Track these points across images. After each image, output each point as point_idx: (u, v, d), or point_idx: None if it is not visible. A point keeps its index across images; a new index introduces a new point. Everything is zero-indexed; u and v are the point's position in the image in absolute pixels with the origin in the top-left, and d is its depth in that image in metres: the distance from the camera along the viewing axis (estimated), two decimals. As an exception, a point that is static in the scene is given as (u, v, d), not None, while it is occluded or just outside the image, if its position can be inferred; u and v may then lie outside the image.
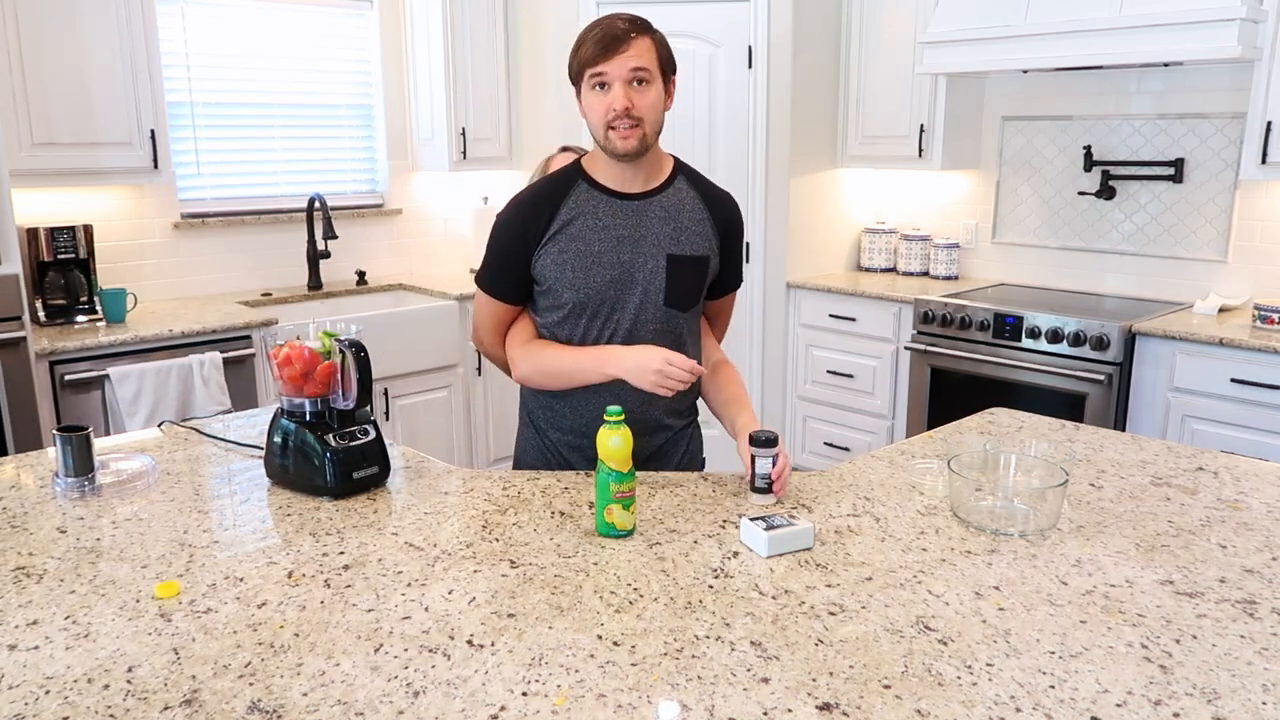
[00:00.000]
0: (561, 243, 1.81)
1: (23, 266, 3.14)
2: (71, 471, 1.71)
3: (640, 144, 1.76)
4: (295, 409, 1.69)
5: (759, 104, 4.17)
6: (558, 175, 1.87)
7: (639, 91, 1.73)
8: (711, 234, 1.88)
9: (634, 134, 1.74)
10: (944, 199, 4.49)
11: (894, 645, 1.18)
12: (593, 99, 1.75)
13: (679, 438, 1.99)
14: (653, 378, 1.74)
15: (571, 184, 1.84)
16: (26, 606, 1.29)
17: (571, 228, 1.82)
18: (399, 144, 4.50)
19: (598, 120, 1.75)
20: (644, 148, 1.77)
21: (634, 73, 1.72)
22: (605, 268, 1.81)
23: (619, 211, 1.83)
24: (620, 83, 1.72)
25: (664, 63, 1.77)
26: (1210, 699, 1.07)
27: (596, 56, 1.73)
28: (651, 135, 1.77)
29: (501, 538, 1.51)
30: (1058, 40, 3.42)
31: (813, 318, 4.31)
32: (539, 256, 1.83)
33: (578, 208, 1.83)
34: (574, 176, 1.85)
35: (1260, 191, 3.55)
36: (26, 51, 3.18)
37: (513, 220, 1.85)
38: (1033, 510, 1.54)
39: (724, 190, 1.95)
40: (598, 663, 1.14)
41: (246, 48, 4.03)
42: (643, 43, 1.73)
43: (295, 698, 1.08)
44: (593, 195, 1.83)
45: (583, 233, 1.82)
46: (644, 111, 1.73)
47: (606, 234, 1.82)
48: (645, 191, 1.84)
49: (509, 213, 1.86)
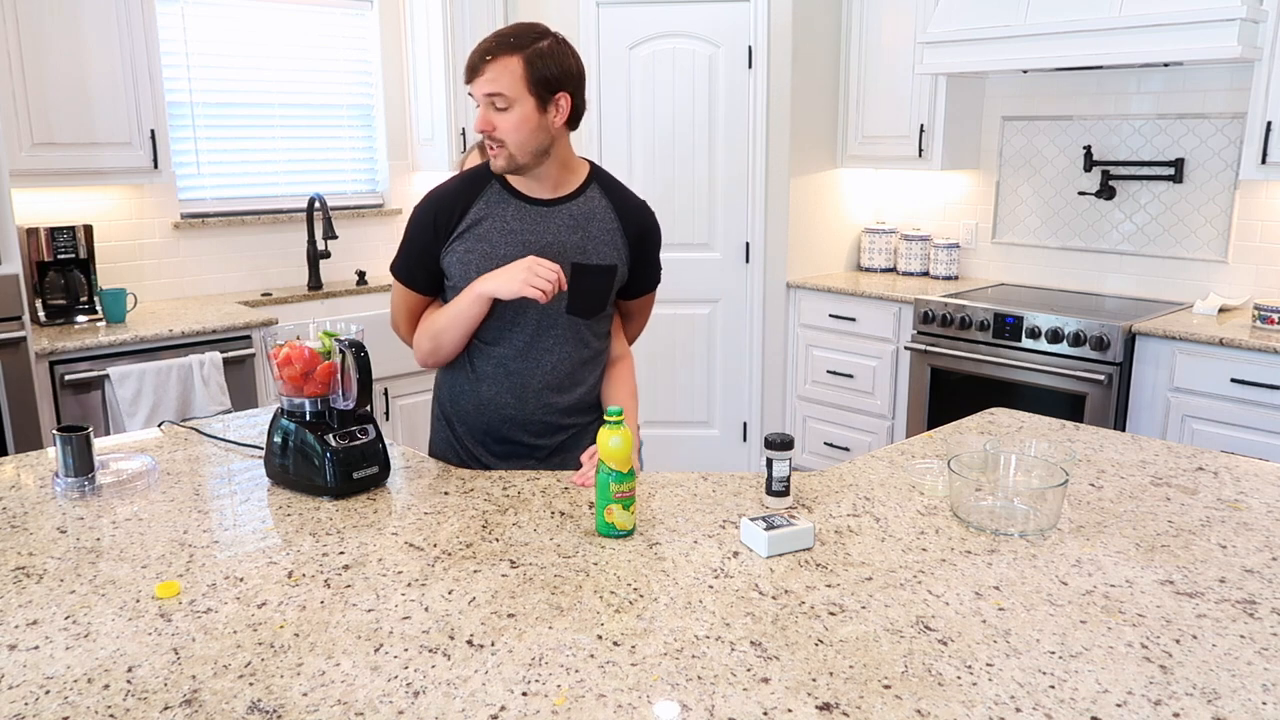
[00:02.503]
0: (469, 242, 1.84)
1: (23, 266, 3.14)
2: (71, 471, 1.71)
3: (508, 163, 1.79)
4: (295, 409, 1.69)
5: (759, 104, 4.17)
6: (472, 174, 1.90)
7: (498, 115, 1.74)
8: (622, 244, 1.91)
9: (500, 153, 1.78)
10: (944, 199, 4.49)
11: (894, 645, 1.18)
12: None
13: (581, 435, 2.00)
14: (523, 276, 1.75)
15: (484, 184, 1.87)
16: (26, 606, 1.29)
17: (479, 228, 1.84)
18: (399, 144, 4.51)
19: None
20: (513, 167, 1.80)
21: (488, 97, 1.74)
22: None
23: (527, 216, 1.85)
24: (483, 104, 1.75)
25: (540, 82, 1.74)
26: (1210, 699, 1.07)
27: (466, 76, 1.77)
28: (521, 155, 1.78)
29: (501, 538, 1.51)
30: (1058, 40, 3.42)
31: (813, 318, 4.31)
32: (446, 253, 1.86)
33: (487, 209, 1.85)
34: (487, 177, 1.88)
35: (1260, 191, 3.55)
36: (26, 51, 3.19)
37: (425, 214, 1.89)
38: (1033, 510, 1.54)
39: (640, 199, 1.98)
40: (598, 663, 1.14)
41: (246, 48, 4.03)
42: (501, 65, 1.72)
43: (295, 698, 1.08)
44: (503, 198, 1.86)
45: (489, 234, 1.84)
46: (504, 134, 1.75)
47: (512, 238, 1.84)
48: (555, 199, 1.86)
49: (423, 206, 1.90)
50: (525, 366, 1.90)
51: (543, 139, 1.78)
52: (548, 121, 1.77)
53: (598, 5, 4.13)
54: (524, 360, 1.90)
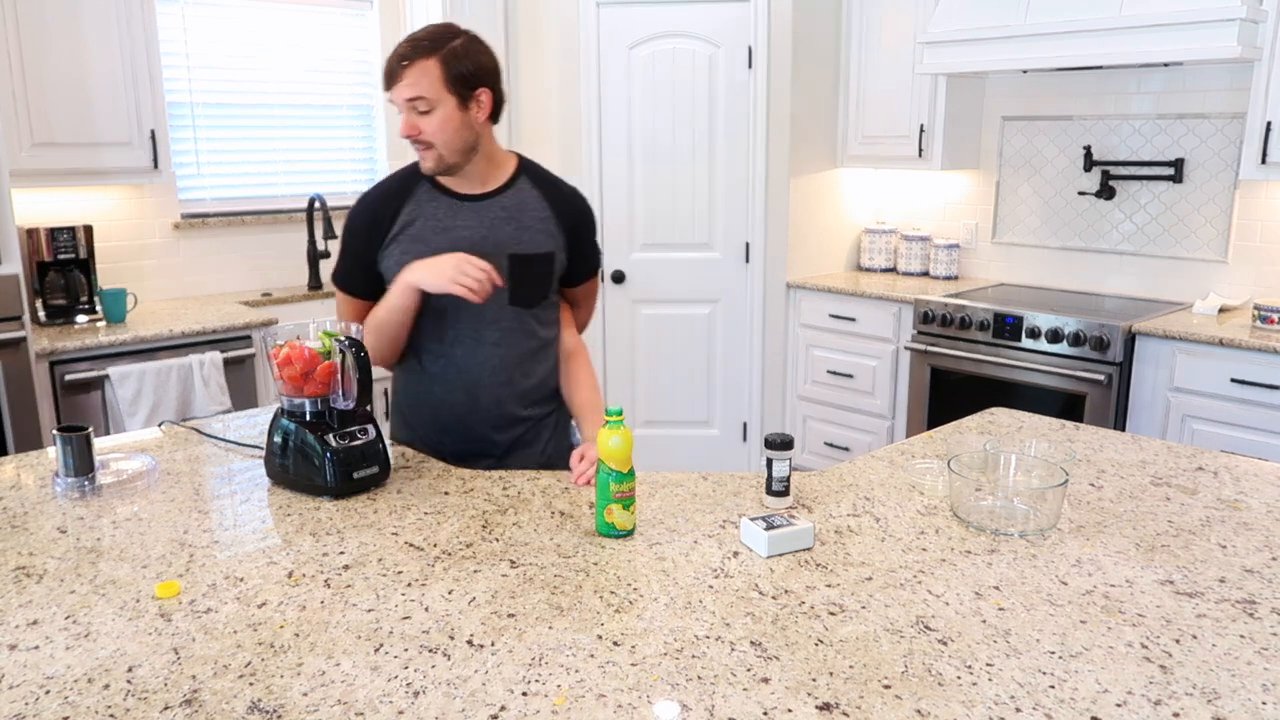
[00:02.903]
0: (404, 244, 1.85)
1: (23, 266, 3.14)
2: (71, 471, 1.71)
3: (437, 164, 1.80)
4: (295, 409, 1.69)
5: (759, 104, 4.17)
6: (402, 175, 1.91)
7: (422, 117, 1.76)
8: (556, 230, 1.91)
9: (428, 155, 1.79)
10: (944, 199, 4.49)
11: (894, 645, 1.18)
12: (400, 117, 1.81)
13: (540, 427, 2.01)
14: (450, 272, 1.75)
15: (414, 185, 1.88)
16: (26, 606, 1.30)
17: (413, 228, 1.85)
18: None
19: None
20: (443, 167, 1.81)
21: (409, 102, 1.75)
22: None
23: (460, 213, 1.86)
24: (405, 110, 1.76)
25: (459, 80, 1.75)
26: (1210, 699, 1.07)
27: (385, 84, 1.78)
28: (450, 154, 1.79)
29: (501, 538, 1.51)
30: (1058, 40, 3.42)
31: (813, 318, 4.31)
32: (383, 257, 1.87)
33: (418, 209, 1.86)
34: (417, 177, 1.88)
35: (1260, 191, 3.55)
36: (26, 51, 3.19)
37: (358, 219, 1.90)
38: (1033, 510, 1.54)
39: (571, 187, 1.99)
40: (598, 663, 1.14)
41: (246, 48, 4.03)
42: (419, 68, 1.73)
43: (295, 698, 1.08)
44: (434, 196, 1.87)
45: (423, 234, 1.85)
46: (431, 135, 1.77)
47: (447, 235, 1.84)
48: (486, 193, 1.87)
49: (356, 211, 1.91)
50: (474, 362, 1.91)
51: (468, 136, 1.80)
52: (470, 119, 1.79)
53: (598, 5, 4.13)
54: (472, 356, 1.91)
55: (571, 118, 4.24)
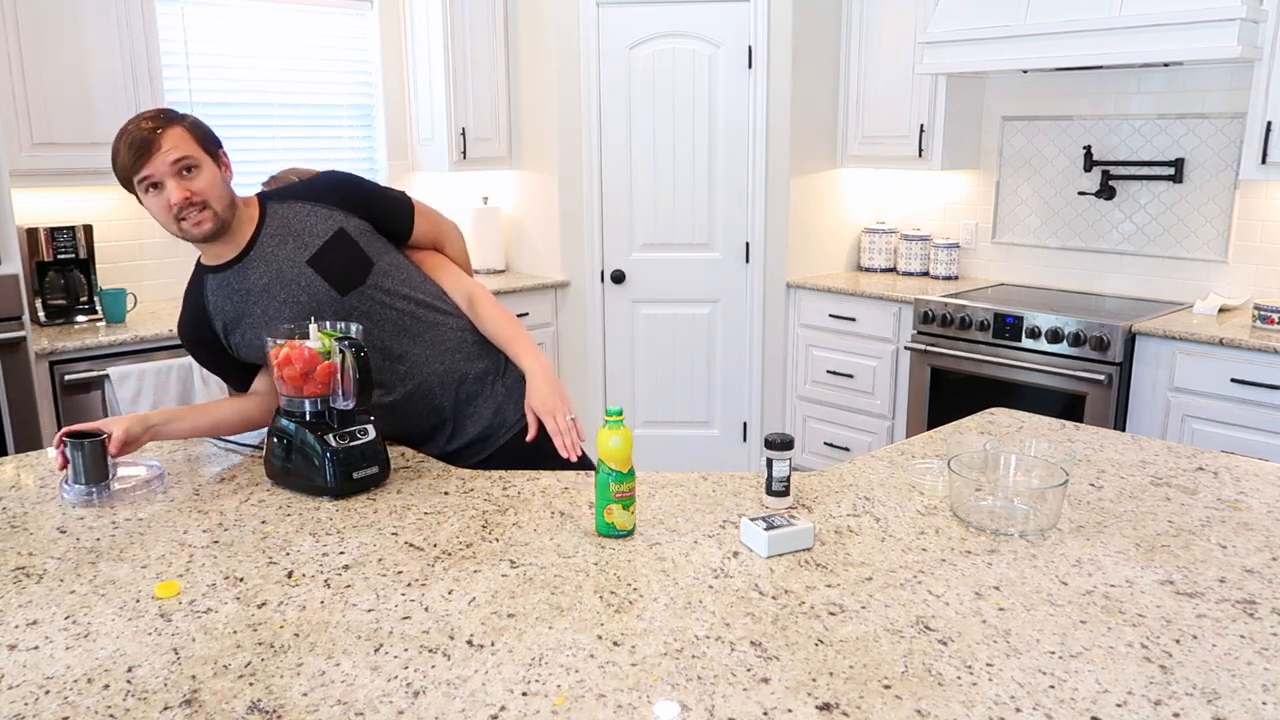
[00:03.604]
0: (239, 333, 1.87)
1: (23, 266, 3.14)
2: (83, 479, 1.68)
3: (215, 224, 1.79)
4: (295, 409, 1.69)
5: (759, 104, 4.17)
6: (190, 288, 1.91)
7: (190, 179, 1.74)
8: (327, 211, 1.90)
9: (205, 216, 1.77)
10: (944, 199, 4.49)
11: (894, 645, 1.18)
12: (151, 200, 1.76)
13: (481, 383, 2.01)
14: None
15: (203, 285, 1.89)
16: (26, 606, 1.29)
17: (232, 314, 1.87)
18: (399, 144, 4.51)
19: (166, 218, 1.77)
20: (220, 225, 1.80)
21: (176, 165, 1.73)
22: (276, 317, 1.84)
23: (246, 273, 1.86)
24: (169, 178, 1.73)
25: (205, 142, 1.78)
26: (1210, 699, 1.07)
27: (134, 161, 1.72)
28: (225, 211, 1.80)
29: (501, 538, 1.51)
30: (1058, 40, 3.42)
31: (813, 318, 4.31)
32: (236, 350, 1.90)
33: (219, 300, 1.88)
34: (199, 277, 1.90)
35: (1260, 191, 3.55)
36: (26, 51, 3.18)
37: (192, 345, 1.94)
38: (1033, 510, 1.54)
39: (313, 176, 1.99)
40: (598, 663, 1.14)
41: (246, 48, 4.02)
42: (173, 134, 1.73)
43: (295, 698, 1.08)
44: (220, 279, 1.87)
45: (239, 312, 1.86)
46: (204, 193, 1.76)
47: (251, 295, 1.86)
48: (251, 239, 1.86)
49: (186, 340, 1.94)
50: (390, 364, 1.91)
51: (228, 192, 1.82)
52: (225, 175, 1.82)
53: (598, 5, 4.13)
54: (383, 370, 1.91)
55: (571, 118, 4.24)
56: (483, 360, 2.02)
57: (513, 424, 2.02)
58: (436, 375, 1.96)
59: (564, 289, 4.43)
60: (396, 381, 1.93)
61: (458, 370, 1.98)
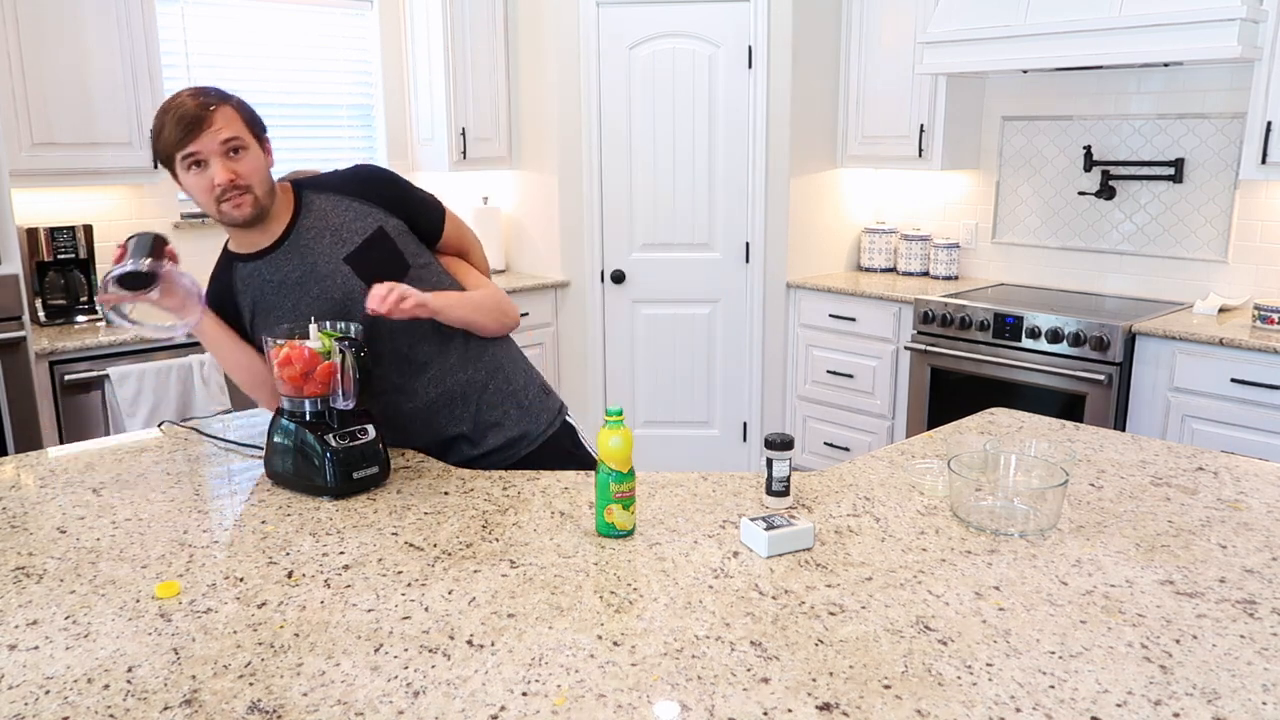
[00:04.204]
0: (265, 320, 1.84)
1: (23, 266, 3.14)
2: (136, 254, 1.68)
3: (254, 209, 1.76)
4: (295, 409, 1.69)
5: (759, 104, 4.17)
6: (217, 273, 1.89)
7: (236, 160, 1.72)
8: (367, 208, 1.88)
9: (245, 200, 1.74)
10: (944, 199, 4.49)
11: (894, 645, 1.18)
12: (191, 179, 1.72)
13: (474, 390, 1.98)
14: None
15: (231, 271, 1.87)
16: (26, 606, 1.29)
17: (261, 305, 1.85)
18: (399, 144, 4.51)
19: (206, 199, 1.74)
20: (260, 211, 1.78)
21: (226, 144, 1.70)
22: (307, 313, 1.82)
23: (279, 263, 1.84)
24: (216, 157, 1.70)
25: (252, 125, 1.76)
26: (1210, 699, 1.07)
27: (182, 138, 1.68)
28: (265, 197, 1.78)
29: (501, 538, 1.51)
30: (1058, 40, 3.42)
31: (813, 318, 4.31)
32: (256, 336, 1.86)
33: (249, 288, 1.85)
34: (228, 263, 1.88)
35: (1260, 191, 3.55)
36: (26, 51, 3.18)
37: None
38: (1033, 510, 1.54)
39: (351, 168, 1.95)
40: (598, 663, 1.14)
41: (246, 48, 4.03)
42: (224, 112, 1.71)
43: (295, 698, 1.08)
44: (251, 268, 1.85)
45: (273, 303, 1.84)
46: (249, 178, 1.73)
47: (284, 287, 1.83)
48: (285, 231, 1.84)
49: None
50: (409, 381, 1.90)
51: (270, 178, 1.80)
52: (268, 161, 1.80)
53: (598, 5, 4.13)
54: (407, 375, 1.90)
55: (571, 118, 4.24)
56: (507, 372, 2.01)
57: (535, 437, 2.00)
58: (460, 384, 1.93)
59: (564, 289, 4.43)
60: (420, 388, 1.91)
61: (479, 380, 1.96)
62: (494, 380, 1.97)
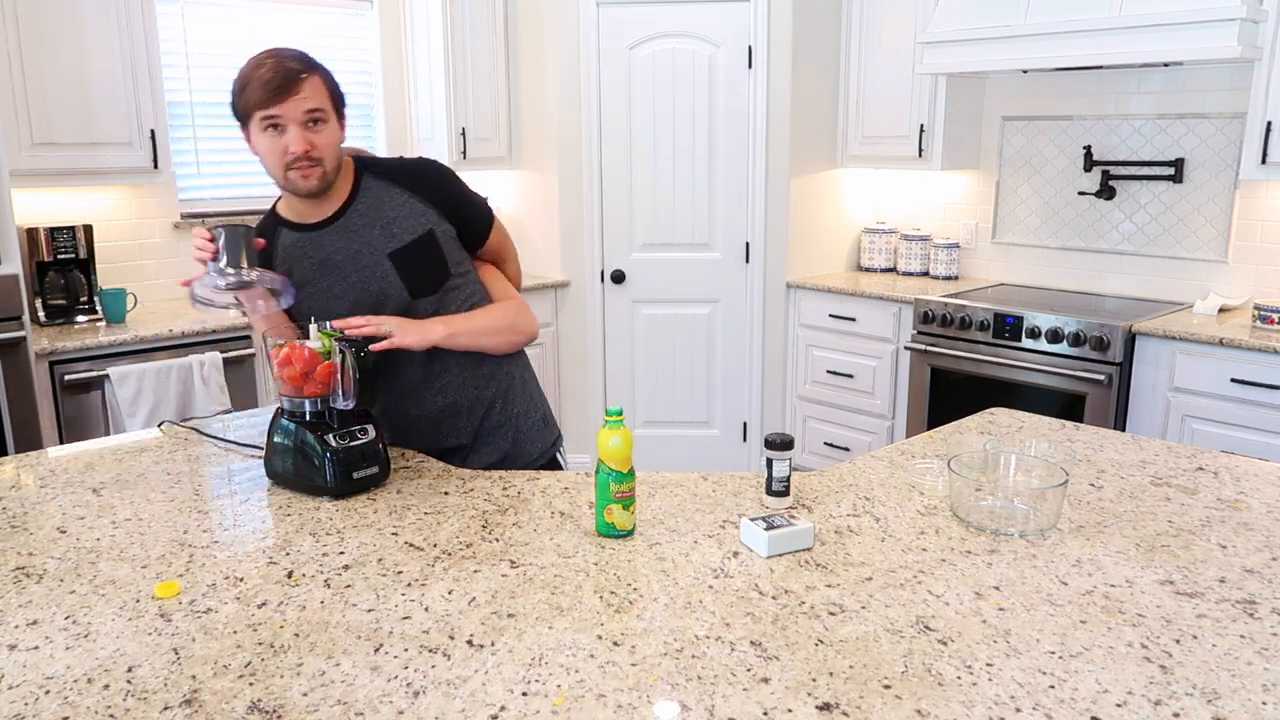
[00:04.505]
0: (297, 295, 1.83)
1: (23, 266, 3.14)
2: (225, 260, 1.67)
3: (321, 182, 1.76)
4: (295, 409, 1.69)
5: (759, 104, 4.17)
6: (259, 231, 1.87)
7: (315, 131, 1.71)
8: (423, 206, 1.87)
9: (314, 173, 1.74)
10: (944, 199, 4.49)
11: (894, 645, 1.18)
12: (265, 141, 1.72)
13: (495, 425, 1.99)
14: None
15: (273, 236, 1.86)
16: (26, 606, 1.29)
17: (295, 278, 1.83)
18: (399, 144, 4.50)
19: (275, 163, 1.73)
20: (325, 185, 1.78)
21: (309, 114, 1.70)
22: (338, 298, 1.82)
23: (325, 241, 1.83)
24: (295, 125, 1.69)
25: (335, 98, 1.75)
26: (1210, 699, 1.07)
27: (268, 99, 1.67)
28: (332, 173, 1.77)
29: (501, 538, 1.51)
30: (1058, 40, 3.42)
31: (813, 318, 4.31)
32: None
33: (289, 256, 1.85)
34: (273, 227, 1.86)
35: (1260, 191, 3.55)
36: (26, 51, 3.18)
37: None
38: (1033, 510, 1.54)
39: (414, 160, 1.94)
40: (598, 663, 1.14)
41: (246, 48, 4.01)
42: (314, 82, 1.70)
43: (295, 698, 1.08)
44: (296, 237, 1.85)
45: (307, 277, 1.84)
46: (323, 151, 1.73)
47: (325, 267, 1.83)
48: (337, 210, 1.84)
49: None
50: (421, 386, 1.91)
51: (340, 154, 1.80)
52: (341, 137, 1.79)
53: (598, 5, 4.13)
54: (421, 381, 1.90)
55: (571, 118, 4.24)
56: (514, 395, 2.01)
57: (531, 459, 2.01)
58: (468, 399, 1.94)
59: (564, 289, 4.43)
60: (429, 396, 1.92)
61: (486, 398, 1.96)
62: (501, 400, 1.98)
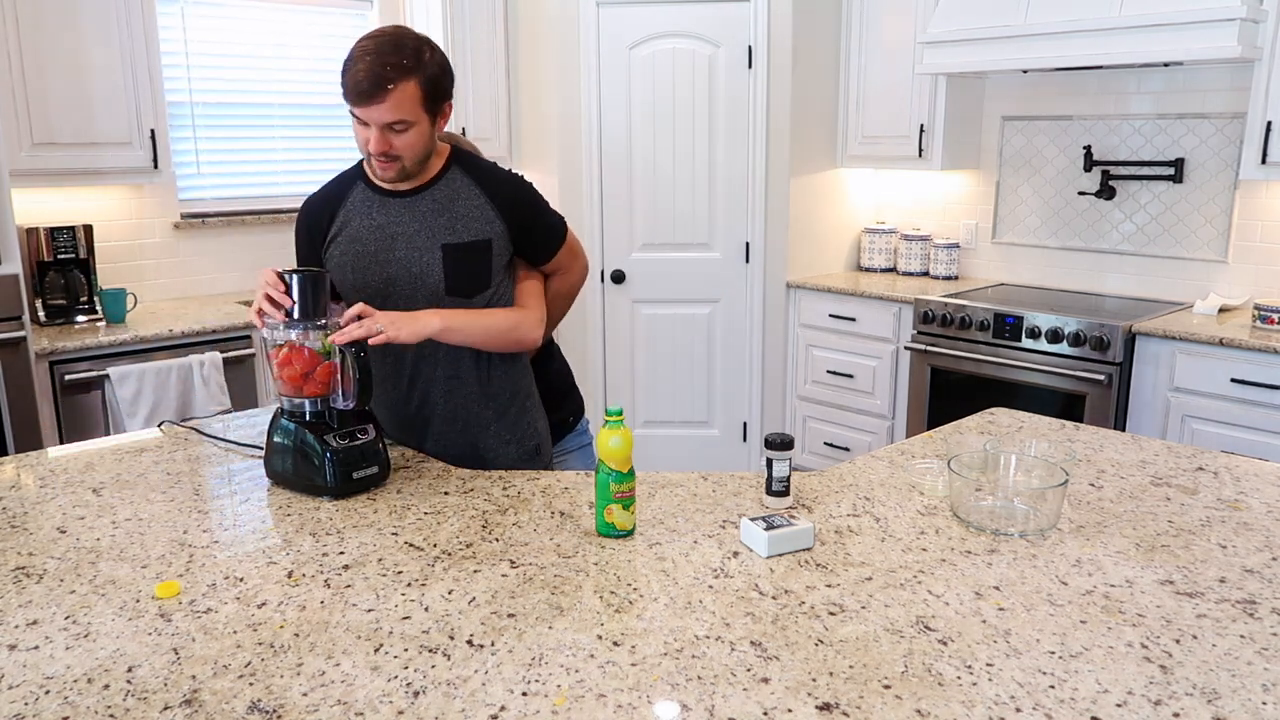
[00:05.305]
0: (342, 244, 1.88)
1: (23, 266, 3.14)
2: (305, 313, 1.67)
3: (398, 175, 1.82)
4: (295, 409, 1.69)
5: (759, 104, 4.17)
6: (340, 177, 1.93)
7: (397, 134, 1.76)
8: (494, 216, 1.88)
9: (392, 167, 1.80)
10: (944, 199, 4.49)
11: (894, 645, 1.18)
12: (357, 127, 1.80)
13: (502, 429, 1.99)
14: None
15: (351, 185, 1.90)
16: (26, 606, 1.29)
17: (349, 229, 1.87)
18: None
19: (360, 146, 1.81)
20: (403, 178, 1.83)
21: (389, 124, 1.74)
22: (381, 265, 1.85)
23: (390, 209, 1.86)
24: (378, 129, 1.75)
25: (430, 101, 1.77)
26: (1210, 699, 1.07)
27: (355, 99, 1.74)
28: (414, 166, 1.82)
29: (501, 538, 1.51)
30: (1058, 40, 3.42)
31: (813, 318, 4.31)
32: (327, 258, 1.90)
33: (353, 209, 1.88)
34: (354, 178, 1.91)
35: (1260, 191, 3.55)
36: (26, 51, 3.18)
37: (301, 224, 1.95)
38: (1033, 510, 1.54)
39: (507, 172, 1.96)
40: (598, 663, 1.14)
41: (246, 48, 4.02)
42: (403, 91, 1.72)
43: (295, 698, 1.08)
44: (366, 195, 1.88)
45: (359, 233, 1.87)
46: (402, 150, 1.78)
47: (381, 232, 1.86)
48: (417, 186, 1.87)
49: (299, 215, 1.95)
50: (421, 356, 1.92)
51: (431, 146, 1.83)
52: (436, 130, 1.83)
53: (598, 5, 4.13)
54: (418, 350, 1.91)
55: (571, 117, 4.24)
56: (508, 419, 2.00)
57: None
58: (471, 414, 1.95)
59: (564, 289, 4.43)
60: (437, 397, 1.93)
61: (486, 419, 1.96)
62: (499, 422, 1.98)
